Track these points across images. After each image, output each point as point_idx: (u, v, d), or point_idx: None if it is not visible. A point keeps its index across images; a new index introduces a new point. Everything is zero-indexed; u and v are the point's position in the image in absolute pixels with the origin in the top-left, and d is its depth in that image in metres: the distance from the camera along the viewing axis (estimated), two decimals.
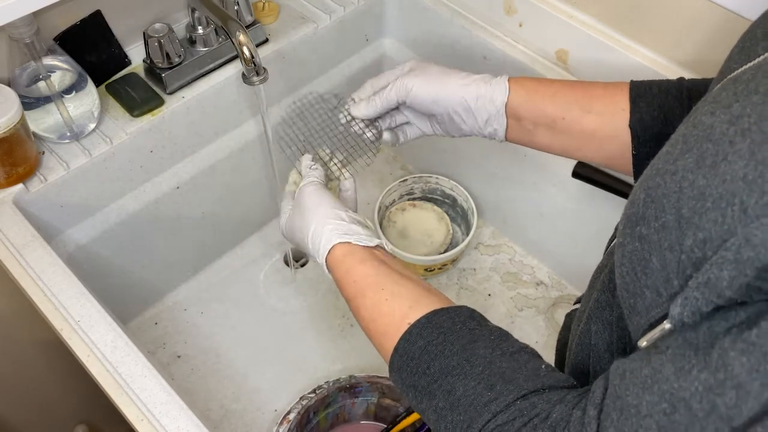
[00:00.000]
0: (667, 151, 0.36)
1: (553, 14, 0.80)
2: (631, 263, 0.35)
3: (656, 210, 0.34)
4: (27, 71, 0.68)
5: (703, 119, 0.35)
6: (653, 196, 0.35)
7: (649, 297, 0.34)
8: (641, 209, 0.35)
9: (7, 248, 0.64)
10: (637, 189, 0.37)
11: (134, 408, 0.55)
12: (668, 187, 0.34)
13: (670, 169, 0.34)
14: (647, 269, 0.34)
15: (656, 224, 0.33)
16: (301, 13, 0.89)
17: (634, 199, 0.37)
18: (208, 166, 0.86)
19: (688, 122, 0.37)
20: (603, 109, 0.56)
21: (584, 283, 0.97)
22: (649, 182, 0.36)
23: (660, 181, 0.35)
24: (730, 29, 0.68)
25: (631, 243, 0.36)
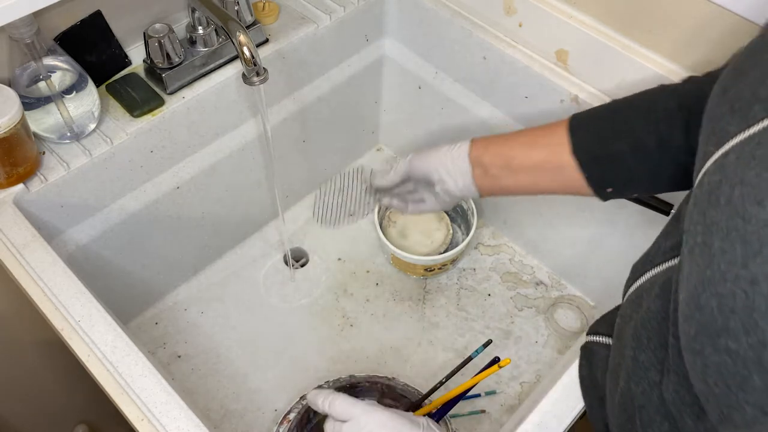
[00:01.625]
0: (722, 248, 0.34)
1: (552, 14, 0.80)
2: (721, 376, 0.33)
3: (744, 324, 0.31)
4: (27, 71, 0.68)
5: (751, 210, 0.32)
6: (732, 306, 0.32)
7: (750, 413, 0.32)
8: (719, 319, 0.33)
9: (7, 248, 0.64)
10: (700, 292, 0.34)
11: (134, 408, 0.55)
12: (754, 301, 0.31)
13: (744, 276, 0.31)
14: (746, 386, 0.32)
15: (749, 340, 0.31)
16: (301, 14, 0.89)
17: (701, 304, 0.34)
18: (209, 166, 0.86)
19: (729, 210, 0.34)
20: (546, 142, 0.62)
21: (584, 283, 0.98)
22: (719, 288, 0.33)
23: (735, 290, 0.32)
24: (729, 28, 0.68)
25: (716, 355, 0.33)
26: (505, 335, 0.94)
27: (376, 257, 1.02)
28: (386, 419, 0.56)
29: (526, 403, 0.69)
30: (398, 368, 0.90)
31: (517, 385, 0.90)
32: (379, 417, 0.56)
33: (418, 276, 0.99)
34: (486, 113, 0.93)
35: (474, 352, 0.70)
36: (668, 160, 0.57)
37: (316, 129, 0.99)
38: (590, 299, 0.99)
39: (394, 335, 0.94)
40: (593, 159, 0.60)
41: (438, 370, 0.90)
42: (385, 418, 0.56)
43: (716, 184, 0.36)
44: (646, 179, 0.59)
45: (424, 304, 0.98)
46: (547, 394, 0.58)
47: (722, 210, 0.35)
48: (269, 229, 1.04)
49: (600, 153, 0.59)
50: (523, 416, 0.58)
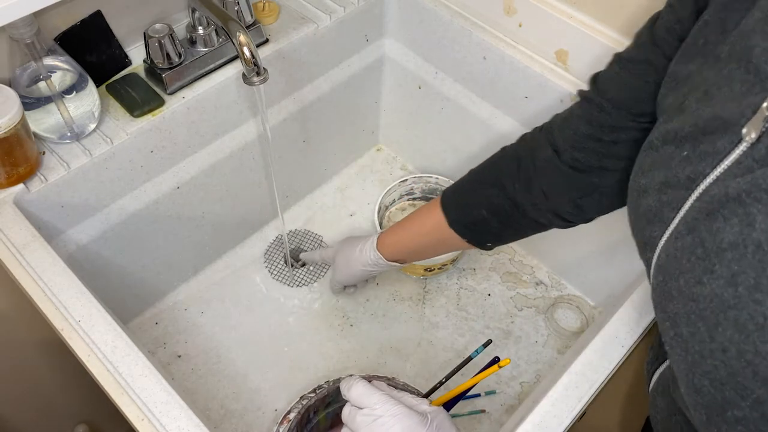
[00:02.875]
0: (689, 332, 0.36)
1: (552, 14, 0.80)
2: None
3: (736, 390, 0.33)
4: (27, 71, 0.68)
5: (697, 291, 0.35)
6: (720, 378, 0.34)
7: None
8: (716, 395, 0.35)
9: (7, 248, 0.64)
10: (689, 378, 0.37)
11: (134, 408, 0.55)
12: (731, 366, 0.33)
13: (716, 348, 0.34)
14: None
15: (747, 402, 0.33)
16: (301, 14, 0.89)
17: (697, 388, 0.36)
18: (209, 166, 0.86)
19: (679, 299, 0.37)
20: (430, 227, 0.73)
21: (584, 283, 0.98)
22: (703, 367, 0.35)
23: (715, 362, 0.34)
24: None
25: (731, 428, 0.34)
26: (505, 335, 0.94)
27: None
28: (401, 413, 0.57)
29: (526, 403, 0.69)
30: (398, 368, 0.90)
31: (517, 385, 0.90)
32: (394, 410, 0.57)
33: (418, 276, 0.99)
34: (486, 113, 0.93)
35: (474, 352, 0.70)
36: (524, 215, 0.65)
37: (316, 129, 0.99)
38: (590, 299, 0.99)
39: (394, 335, 0.94)
40: (465, 227, 0.70)
41: (438, 370, 0.90)
42: (399, 412, 0.57)
43: (663, 283, 0.40)
44: (514, 232, 0.70)
45: (424, 304, 0.98)
46: (547, 394, 0.58)
47: (677, 301, 0.38)
48: (269, 229, 1.04)
49: (468, 221, 0.70)
50: (523, 416, 0.58)
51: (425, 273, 0.98)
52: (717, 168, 0.38)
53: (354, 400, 0.60)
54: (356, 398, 0.60)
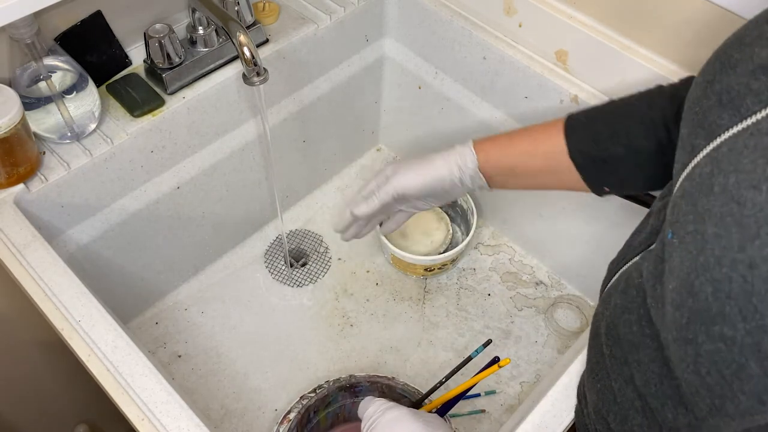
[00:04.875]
0: (716, 233, 0.33)
1: (552, 15, 0.80)
2: (715, 365, 0.33)
3: (741, 309, 0.31)
4: (28, 71, 0.68)
5: (747, 195, 0.32)
6: (729, 292, 0.31)
7: (745, 402, 0.31)
8: (714, 305, 0.32)
9: (7, 248, 0.64)
10: (693, 279, 0.34)
11: (135, 407, 0.55)
12: (753, 284, 0.30)
13: (741, 259, 0.31)
14: (741, 374, 0.31)
15: (747, 326, 0.30)
16: (301, 14, 0.89)
17: (694, 291, 0.34)
18: (209, 166, 0.86)
19: (723, 197, 0.34)
20: (544, 150, 0.63)
21: (584, 282, 0.98)
22: (714, 273, 0.32)
23: (731, 274, 0.31)
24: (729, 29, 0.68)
25: (710, 343, 0.32)
26: (505, 335, 0.94)
27: (376, 257, 1.02)
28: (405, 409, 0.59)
29: (525, 403, 0.69)
30: (398, 368, 0.90)
31: (516, 384, 0.90)
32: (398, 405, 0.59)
33: (418, 276, 0.99)
34: (486, 113, 0.93)
35: (474, 352, 0.70)
36: (665, 161, 0.56)
37: (316, 129, 0.99)
38: (590, 299, 0.99)
39: (394, 335, 0.94)
40: (590, 161, 0.61)
41: (438, 370, 0.90)
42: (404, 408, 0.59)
43: (708, 175, 0.36)
44: (643, 179, 0.60)
45: (424, 304, 0.98)
46: (547, 394, 0.58)
47: (716, 197, 0.34)
48: (269, 229, 1.04)
49: (596, 155, 0.60)
50: (523, 416, 0.58)
51: (425, 273, 0.98)
52: None
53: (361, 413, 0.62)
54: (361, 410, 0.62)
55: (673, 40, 0.73)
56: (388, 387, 0.82)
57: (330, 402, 0.83)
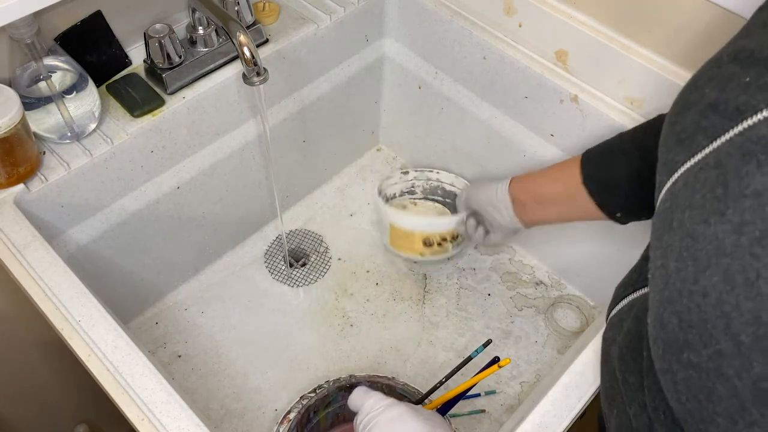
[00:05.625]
0: (676, 268, 0.35)
1: (552, 15, 0.80)
2: (691, 391, 0.34)
3: (701, 336, 0.32)
4: (28, 71, 0.68)
5: (699, 229, 0.34)
6: (689, 320, 0.33)
7: (723, 424, 0.33)
8: (679, 335, 0.34)
9: (7, 248, 0.64)
10: (662, 312, 0.36)
11: (135, 408, 0.55)
12: (706, 312, 0.32)
13: (696, 290, 0.33)
14: (713, 397, 0.32)
15: (708, 351, 0.32)
16: (301, 14, 0.89)
17: (663, 323, 0.36)
18: (209, 166, 0.86)
19: (681, 232, 0.36)
20: (562, 176, 0.71)
21: (584, 283, 0.98)
22: (677, 306, 0.34)
23: (690, 305, 0.33)
24: (729, 29, 0.68)
25: (683, 371, 0.34)
26: (505, 335, 0.94)
27: (376, 257, 1.02)
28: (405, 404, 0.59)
29: (525, 403, 0.69)
30: (398, 368, 0.90)
31: (516, 384, 0.90)
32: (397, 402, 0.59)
33: (416, 254, 0.94)
34: (486, 113, 0.93)
35: (474, 352, 0.70)
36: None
37: (316, 129, 0.99)
38: (590, 299, 0.99)
39: (394, 335, 0.94)
40: (600, 187, 0.67)
41: (438, 370, 0.90)
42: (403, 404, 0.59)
43: (669, 210, 0.38)
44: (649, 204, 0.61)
45: (424, 304, 0.98)
46: (547, 394, 0.58)
47: (675, 233, 0.36)
48: (269, 229, 1.04)
49: (603, 180, 0.67)
50: (523, 416, 0.58)
51: (423, 250, 0.94)
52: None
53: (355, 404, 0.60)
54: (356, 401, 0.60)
55: (674, 40, 0.73)
56: (388, 387, 0.82)
57: (330, 402, 0.83)
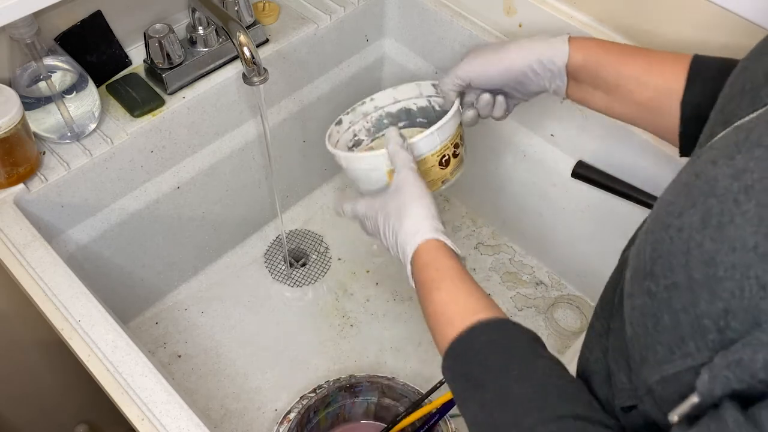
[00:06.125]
0: (669, 201, 0.36)
1: (552, 15, 0.80)
2: (642, 317, 0.35)
3: (664, 268, 0.34)
4: (28, 71, 0.68)
5: (706, 169, 0.34)
6: (660, 251, 0.34)
7: (660, 353, 0.34)
8: (648, 264, 0.35)
9: (7, 248, 0.64)
10: (642, 241, 0.37)
11: (135, 407, 0.55)
12: (675, 245, 0.33)
13: (675, 224, 0.34)
14: (658, 326, 0.34)
15: (665, 282, 0.33)
16: (301, 14, 0.89)
17: (639, 251, 0.37)
18: (209, 166, 0.86)
19: (690, 169, 0.36)
20: (658, 84, 0.57)
21: (584, 283, 0.98)
22: (655, 235, 0.35)
23: (665, 236, 0.34)
24: (729, 29, 0.68)
25: (641, 297, 0.36)
26: None
27: (376, 257, 1.02)
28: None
29: None
30: (398, 368, 0.90)
31: None
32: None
33: (438, 185, 0.72)
34: None
35: None
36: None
37: (316, 129, 0.99)
38: (590, 299, 0.99)
39: (394, 335, 0.94)
40: (699, 119, 0.53)
41: (438, 370, 0.90)
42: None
43: (697, 155, 0.38)
44: None
45: None
46: None
47: (686, 169, 0.37)
48: (269, 229, 1.04)
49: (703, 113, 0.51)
50: None
51: (443, 174, 0.70)
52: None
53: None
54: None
55: (674, 40, 0.73)
56: (388, 387, 0.82)
57: (330, 402, 0.83)
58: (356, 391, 0.83)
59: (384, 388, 0.83)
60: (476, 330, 0.48)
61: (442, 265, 0.54)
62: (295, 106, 0.92)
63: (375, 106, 0.77)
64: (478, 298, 0.51)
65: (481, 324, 0.48)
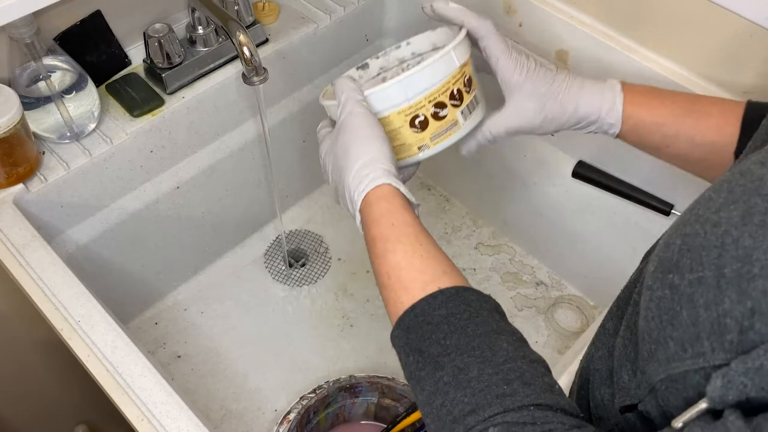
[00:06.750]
0: (709, 196, 0.35)
1: (553, 14, 0.80)
2: (658, 310, 0.34)
3: (692, 261, 0.32)
4: (27, 71, 0.68)
5: (753, 168, 0.34)
6: (690, 244, 0.33)
7: (672, 348, 0.33)
8: (676, 256, 0.34)
9: (7, 248, 0.64)
10: (672, 232, 0.36)
11: (134, 408, 0.55)
12: (708, 239, 0.32)
13: (712, 219, 0.33)
14: (675, 320, 0.33)
15: (691, 276, 0.32)
16: (301, 13, 0.89)
17: (669, 243, 0.35)
18: (208, 166, 0.86)
19: (736, 169, 0.35)
20: (712, 140, 0.55)
21: (584, 283, 0.98)
22: (687, 228, 0.34)
23: (699, 230, 0.33)
24: (730, 29, 0.68)
25: (661, 289, 0.34)
26: None
27: None
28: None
29: None
30: (398, 368, 0.90)
31: None
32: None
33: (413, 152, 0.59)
34: None
35: None
36: None
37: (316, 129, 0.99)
38: (590, 299, 0.99)
39: None
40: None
41: None
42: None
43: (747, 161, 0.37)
44: None
45: None
46: None
47: (733, 170, 0.36)
48: (269, 229, 1.04)
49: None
50: None
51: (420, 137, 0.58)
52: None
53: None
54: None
55: (674, 40, 0.73)
56: (388, 387, 0.82)
57: (330, 402, 0.83)
58: (356, 391, 0.83)
59: (384, 389, 0.83)
60: (435, 300, 0.45)
61: (397, 219, 0.49)
62: (295, 106, 0.92)
63: (412, 52, 0.67)
64: (437, 262, 0.48)
65: (440, 294, 0.45)
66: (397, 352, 0.48)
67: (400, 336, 0.47)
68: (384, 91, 0.55)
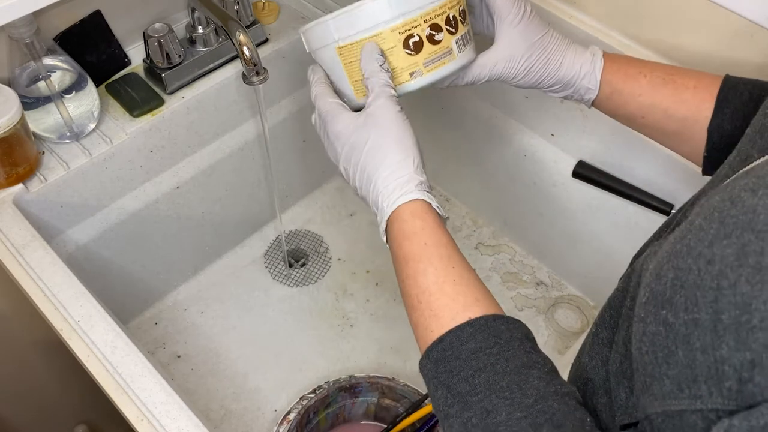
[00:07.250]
0: (700, 225, 0.33)
1: (553, 14, 0.80)
2: (653, 345, 0.33)
3: (687, 300, 0.31)
4: (27, 71, 0.68)
5: (744, 197, 0.32)
6: (684, 281, 0.32)
7: (668, 386, 0.32)
8: (668, 291, 0.33)
9: (7, 248, 0.64)
10: (664, 263, 0.34)
11: (134, 408, 0.55)
12: (703, 279, 0.31)
13: (705, 254, 0.31)
14: (670, 359, 0.32)
15: (686, 317, 0.31)
16: (301, 13, 0.89)
17: (660, 274, 0.34)
18: (208, 166, 0.86)
19: (726, 193, 0.34)
20: (686, 114, 0.55)
21: (584, 283, 0.98)
22: (680, 262, 0.33)
23: (692, 265, 0.32)
24: (730, 29, 0.68)
25: (655, 325, 0.33)
26: None
27: (376, 257, 1.02)
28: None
29: None
30: (398, 368, 0.90)
31: None
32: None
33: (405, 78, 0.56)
34: (486, 113, 0.93)
35: None
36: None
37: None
38: (591, 299, 0.98)
39: (394, 335, 0.94)
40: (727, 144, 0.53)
41: None
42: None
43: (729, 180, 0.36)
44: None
45: None
46: None
47: (721, 193, 0.35)
48: (269, 229, 1.04)
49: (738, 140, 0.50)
50: None
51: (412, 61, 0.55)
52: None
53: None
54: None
55: (675, 40, 0.73)
56: (388, 387, 0.82)
57: (330, 402, 0.83)
58: (356, 391, 0.83)
59: (384, 389, 0.83)
60: (463, 333, 0.44)
61: (430, 239, 0.48)
62: (295, 105, 0.92)
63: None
64: (468, 288, 0.46)
65: (468, 326, 0.44)
66: (425, 382, 0.47)
67: (428, 367, 0.46)
68: (380, 2, 0.51)
